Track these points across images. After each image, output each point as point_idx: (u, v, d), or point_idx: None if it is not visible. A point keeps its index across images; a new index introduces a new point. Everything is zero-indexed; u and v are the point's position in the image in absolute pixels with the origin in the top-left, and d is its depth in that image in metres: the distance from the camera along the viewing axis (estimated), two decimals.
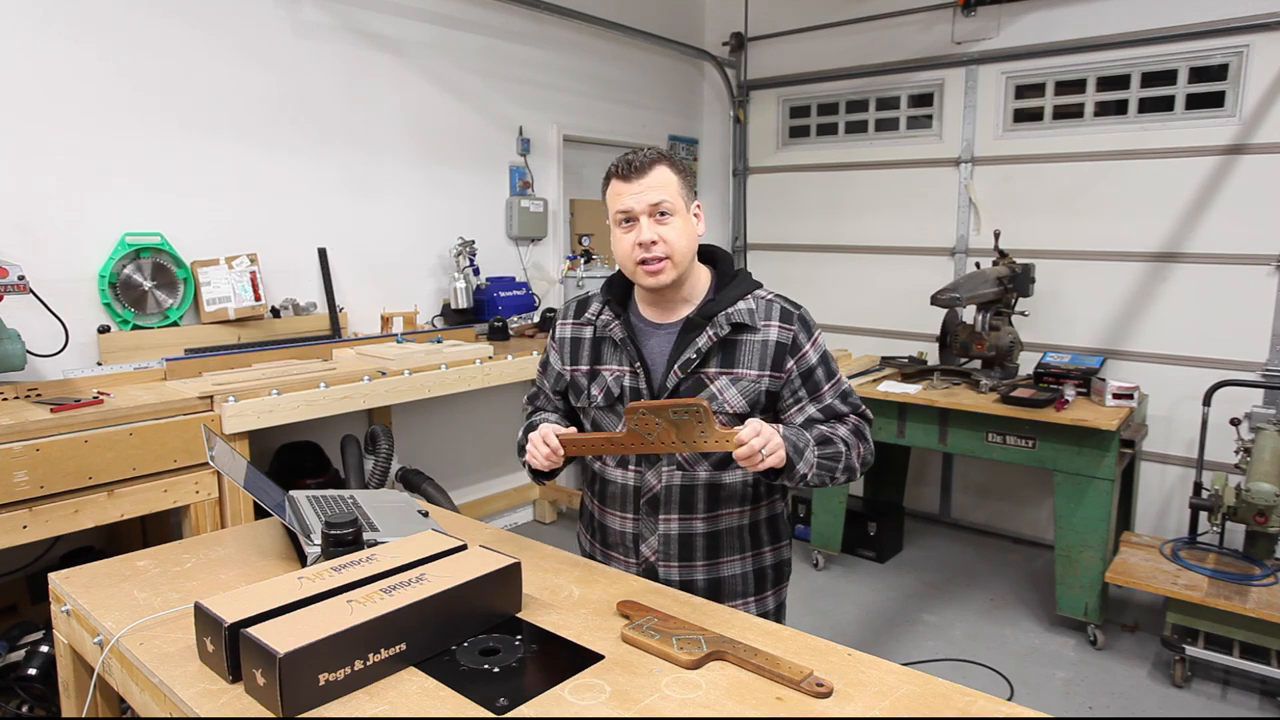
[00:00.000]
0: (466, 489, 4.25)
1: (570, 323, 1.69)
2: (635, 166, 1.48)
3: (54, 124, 2.78)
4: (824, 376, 1.55)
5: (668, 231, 1.48)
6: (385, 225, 3.82)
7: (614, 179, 1.51)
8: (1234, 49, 3.64)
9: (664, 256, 1.48)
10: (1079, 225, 4.10)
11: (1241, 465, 3.19)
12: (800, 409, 1.54)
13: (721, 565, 1.59)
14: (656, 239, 1.47)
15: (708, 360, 1.52)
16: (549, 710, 1.07)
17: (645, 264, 1.49)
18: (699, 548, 1.58)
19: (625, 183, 1.49)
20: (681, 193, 1.51)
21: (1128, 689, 2.96)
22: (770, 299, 1.57)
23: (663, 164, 1.49)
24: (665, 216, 1.48)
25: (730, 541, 1.60)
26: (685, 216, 1.51)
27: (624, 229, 1.51)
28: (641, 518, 1.59)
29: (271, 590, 1.19)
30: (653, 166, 1.48)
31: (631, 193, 1.48)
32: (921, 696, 1.11)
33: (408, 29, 3.81)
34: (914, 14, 4.56)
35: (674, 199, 1.49)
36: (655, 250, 1.47)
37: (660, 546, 1.58)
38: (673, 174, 1.50)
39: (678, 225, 1.49)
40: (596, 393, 1.61)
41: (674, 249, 1.48)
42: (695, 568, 1.58)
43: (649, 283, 1.51)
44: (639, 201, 1.47)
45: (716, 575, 1.60)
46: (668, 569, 1.59)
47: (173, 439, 2.45)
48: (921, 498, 4.73)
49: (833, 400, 1.56)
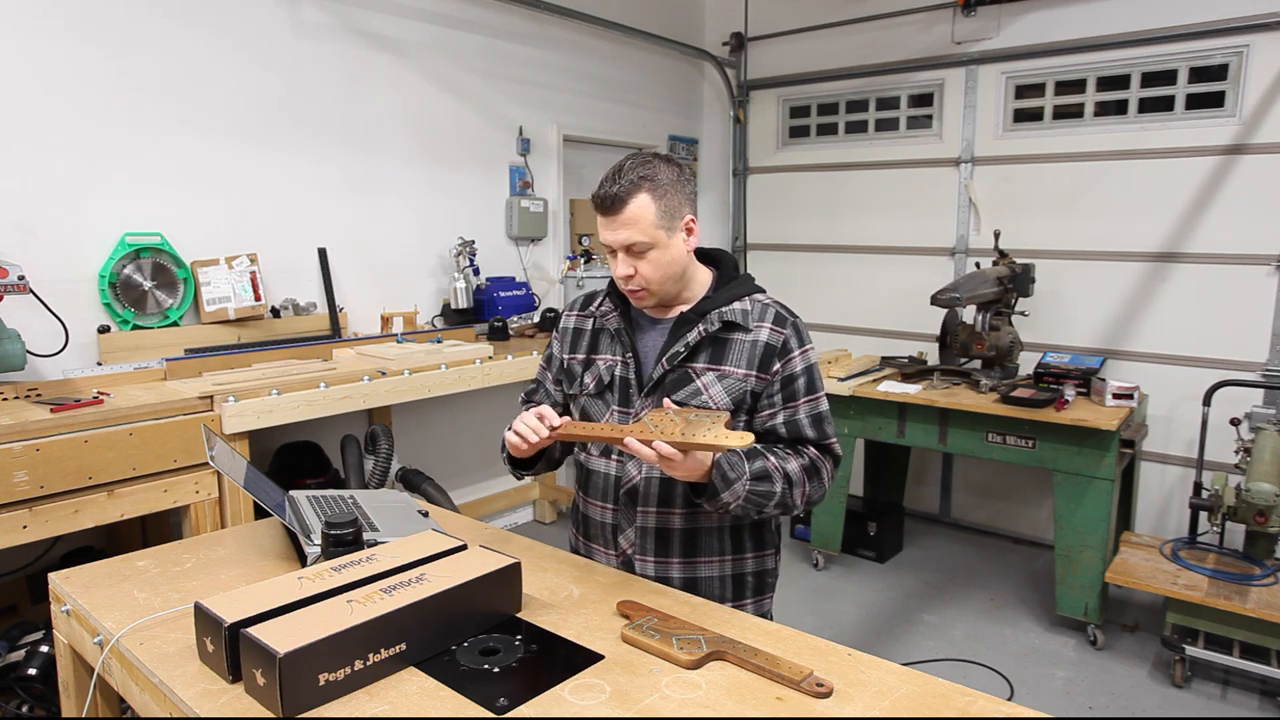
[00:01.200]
0: (466, 489, 4.25)
1: (575, 314, 1.74)
2: (609, 203, 1.46)
3: (54, 124, 2.78)
4: (803, 388, 1.54)
5: (643, 266, 1.50)
6: (385, 225, 3.82)
7: (595, 209, 1.52)
8: (1234, 49, 3.64)
9: (641, 289, 1.53)
10: (1079, 225, 4.10)
11: (1241, 465, 3.19)
12: (771, 414, 1.54)
13: (699, 565, 1.58)
14: (633, 272, 1.50)
15: (696, 355, 1.54)
16: (549, 710, 1.07)
17: (629, 290, 1.55)
18: (676, 543, 1.57)
19: (602, 215, 1.50)
20: (660, 221, 1.47)
21: (1128, 689, 2.96)
22: (767, 304, 1.58)
23: (640, 193, 1.45)
24: (641, 254, 1.49)
25: (709, 542, 1.59)
26: (665, 246, 1.49)
27: (610, 255, 1.55)
28: (620, 509, 1.60)
29: (271, 590, 1.19)
30: (629, 199, 1.45)
31: (607, 229, 1.50)
32: (921, 696, 1.11)
33: (408, 29, 3.81)
34: (914, 14, 4.56)
35: (649, 234, 1.47)
36: (631, 284, 1.53)
37: (637, 540, 1.59)
38: (651, 201, 1.46)
39: (654, 258, 1.49)
40: (589, 380, 1.64)
41: (650, 281, 1.51)
42: (671, 564, 1.58)
43: (634, 302, 1.58)
44: (613, 239, 1.50)
45: (693, 575, 1.58)
46: (643, 563, 1.59)
47: (173, 439, 2.45)
48: (921, 498, 4.73)
49: (803, 418, 1.53)
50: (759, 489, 1.43)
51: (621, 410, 1.58)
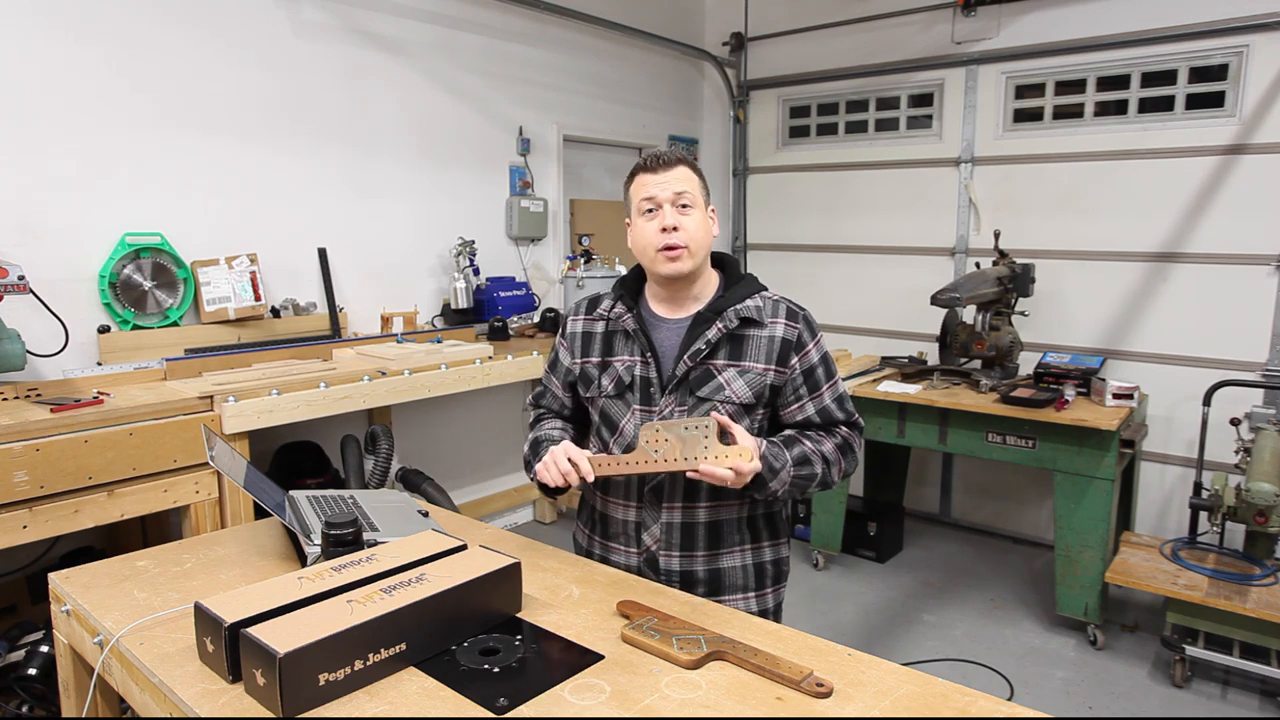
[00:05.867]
0: (466, 489, 4.25)
1: (581, 318, 1.74)
2: (662, 161, 1.60)
3: (54, 124, 2.78)
4: (824, 376, 1.62)
5: (688, 222, 1.56)
6: (385, 225, 3.82)
7: (641, 172, 1.61)
8: (1234, 49, 3.64)
9: (683, 244, 1.55)
10: (1079, 225, 4.10)
11: (1241, 465, 3.19)
12: (800, 407, 1.61)
13: (721, 556, 1.62)
14: (678, 225, 1.55)
15: (716, 352, 1.58)
16: (549, 710, 1.07)
17: (666, 250, 1.56)
18: (700, 537, 1.60)
19: (652, 174, 1.59)
20: (700, 192, 1.61)
21: (1128, 689, 2.96)
22: (776, 300, 1.64)
23: (685, 165, 1.61)
24: (687, 208, 1.57)
25: (730, 533, 1.62)
26: (704, 212, 1.61)
27: (647, 217, 1.58)
28: (645, 506, 1.61)
29: (271, 590, 1.19)
30: (677, 164, 1.60)
31: (657, 182, 1.57)
32: (921, 696, 1.11)
33: (408, 29, 3.81)
34: (914, 14, 4.56)
35: (695, 193, 1.59)
36: (676, 237, 1.55)
37: (662, 535, 1.60)
38: (693, 174, 1.61)
39: (697, 218, 1.58)
40: (607, 383, 1.65)
41: (693, 238, 1.56)
42: (696, 558, 1.61)
43: (668, 269, 1.57)
44: (664, 190, 1.56)
45: (716, 566, 1.62)
46: (669, 558, 1.60)
47: (173, 439, 2.45)
48: (921, 498, 4.73)
49: (830, 402, 1.62)
50: (802, 473, 1.54)
51: (644, 409, 1.60)
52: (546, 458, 1.54)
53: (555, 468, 1.52)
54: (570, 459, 1.50)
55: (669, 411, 1.57)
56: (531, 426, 1.79)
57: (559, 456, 1.52)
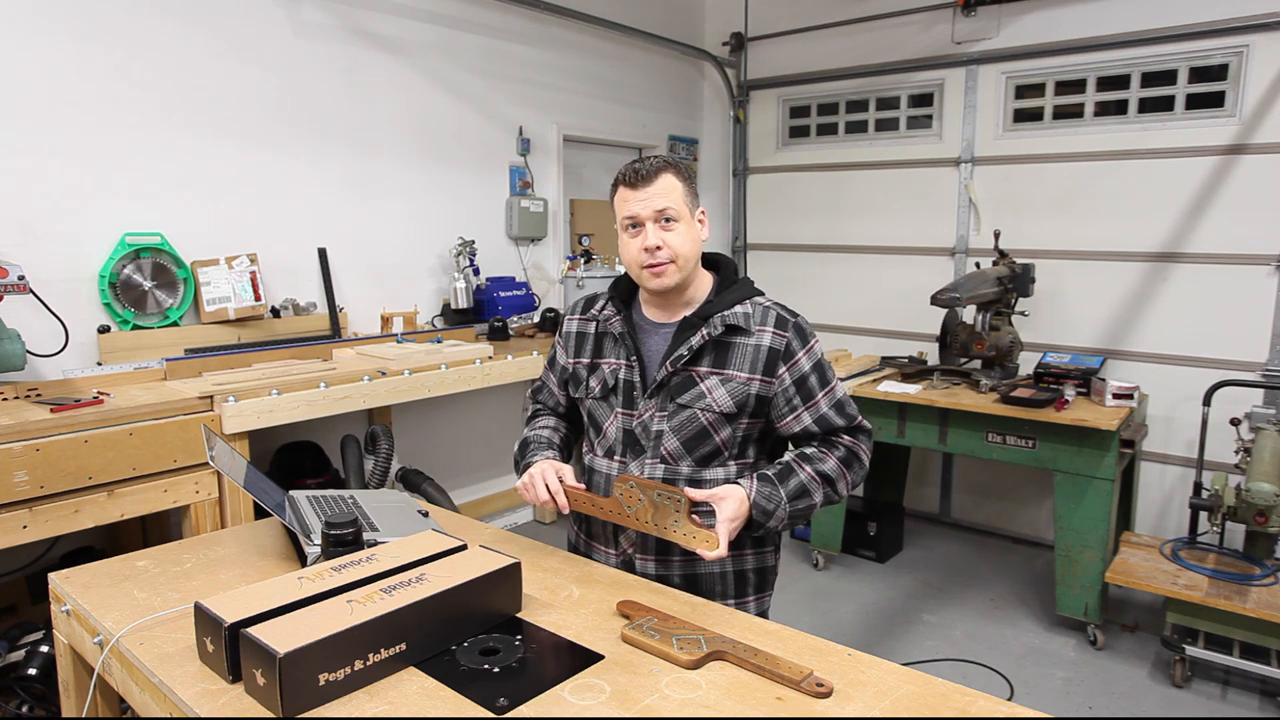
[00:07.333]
0: (466, 489, 4.25)
1: (577, 318, 1.74)
2: (642, 175, 1.53)
3: (54, 124, 2.78)
4: (817, 384, 1.57)
5: (672, 237, 1.52)
6: (385, 225, 3.82)
7: (621, 186, 1.56)
8: (1234, 49, 3.64)
9: (668, 260, 1.53)
10: (1079, 225, 4.10)
11: (1241, 465, 3.19)
12: (796, 418, 1.57)
13: (698, 562, 1.59)
14: (661, 244, 1.52)
15: (699, 358, 1.56)
16: (549, 710, 1.07)
17: (650, 267, 1.54)
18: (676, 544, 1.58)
19: (632, 190, 1.54)
20: (686, 200, 1.55)
21: (1128, 689, 2.96)
22: (768, 306, 1.60)
23: (668, 172, 1.54)
24: (670, 223, 1.53)
25: None
26: (689, 222, 1.56)
27: (631, 234, 1.56)
28: None
29: (271, 590, 1.19)
30: (659, 175, 1.53)
31: (638, 199, 1.53)
32: (921, 696, 1.11)
33: (408, 29, 3.81)
34: (914, 14, 4.56)
35: (678, 206, 1.53)
36: (660, 255, 1.52)
37: (638, 539, 1.59)
38: (678, 181, 1.55)
39: (681, 230, 1.53)
40: (594, 385, 1.65)
41: (678, 253, 1.53)
42: (672, 563, 1.59)
43: (654, 285, 1.56)
44: (645, 208, 1.52)
45: (693, 572, 1.60)
46: (644, 562, 1.59)
47: (173, 439, 2.45)
48: (921, 498, 4.73)
49: (828, 410, 1.57)
50: (799, 506, 1.51)
51: (625, 412, 1.59)
52: (526, 478, 1.57)
53: (534, 491, 1.55)
54: (550, 489, 1.53)
55: (648, 416, 1.56)
56: (527, 422, 1.80)
57: (538, 482, 1.54)
